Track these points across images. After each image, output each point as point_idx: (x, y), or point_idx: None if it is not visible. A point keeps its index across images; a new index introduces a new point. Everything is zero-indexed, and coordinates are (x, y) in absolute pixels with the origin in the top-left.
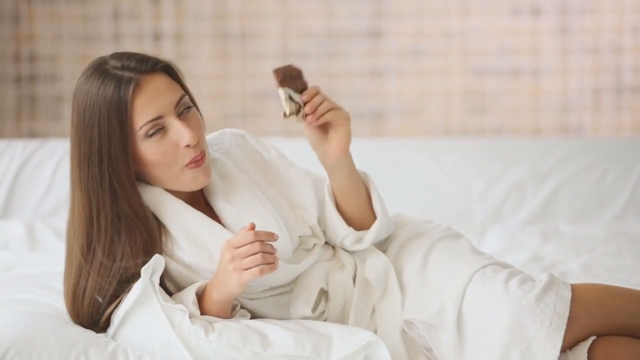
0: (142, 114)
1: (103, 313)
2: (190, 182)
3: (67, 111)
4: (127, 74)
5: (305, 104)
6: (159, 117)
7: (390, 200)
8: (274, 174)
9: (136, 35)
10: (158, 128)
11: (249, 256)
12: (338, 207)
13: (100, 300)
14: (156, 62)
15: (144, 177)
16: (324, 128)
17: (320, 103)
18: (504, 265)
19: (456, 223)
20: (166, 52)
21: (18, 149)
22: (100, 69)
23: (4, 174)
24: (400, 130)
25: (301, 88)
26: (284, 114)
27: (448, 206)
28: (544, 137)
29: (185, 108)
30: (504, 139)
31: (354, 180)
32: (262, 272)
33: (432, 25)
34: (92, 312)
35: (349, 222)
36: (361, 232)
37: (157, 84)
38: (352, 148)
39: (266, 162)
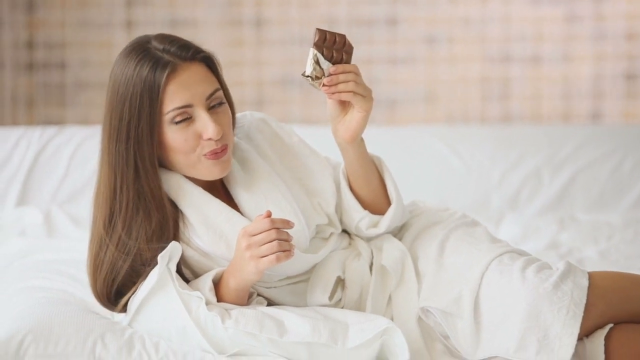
0: (173, 100)
1: (117, 291)
2: (206, 171)
3: (80, 98)
4: (166, 57)
5: (329, 75)
6: (188, 106)
7: (406, 188)
8: (293, 159)
9: (149, 22)
10: (185, 117)
11: (265, 244)
12: (352, 190)
13: (118, 273)
14: (197, 52)
15: (164, 162)
16: (344, 106)
17: (345, 82)
18: (521, 253)
19: (473, 211)
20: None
21: (35, 136)
22: (141, 47)
23: (21, 161)
24: (417, 117)
25: (337, 60)
26: (303, 73)
27: (465, 194)
28: (561, 125)
29: (218, 103)
30: (521, 126)
31: (363, 166)
32: (278, 260)
33: (449, 12)
34: (107, 284)
35: (364, 206)
36: (377, 216)
37: (193, 73)
38: (369, 135)
39: (287, 147)
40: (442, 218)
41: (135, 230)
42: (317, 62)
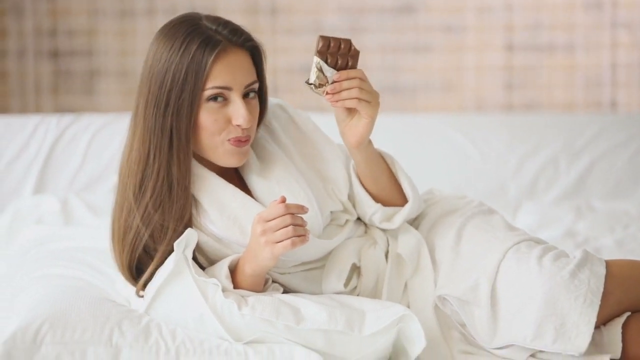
0: (215, 78)
1: (136, 266)
2: (224, 157)
3: (101, 86)
4: (217, 37)
5: (333, 82)
6: (227, 88)
7: (422, 176)
8: (308, 146)
9: (169, 10)
10: (221, 98)
11: (280, 229)
12: (363, 186)
13: (146, 238)
14: (247, 39)
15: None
16: (351, 110)
17: (348, 88)
18: (538, 241)
19: (490, 199)
20: None
21: (52, 123)
22: (192, 22)
23: (38, 149)
24: (433, 106)
25: (342, 66)
26: (307, 81)
27: (481, 182)
28: (578, 113)
29: (252, 93)
30: (538, 114)
31: (371, 167)
32: (293, 245)
33: (466, 0)
34: (132, 253)
35: (376, 199)
36: (390, 209)
37: (240, 58)
38: (386, 124)
39: (302, 134)
40: (459, 206)
41: (159, 202)
42: (320, 70)
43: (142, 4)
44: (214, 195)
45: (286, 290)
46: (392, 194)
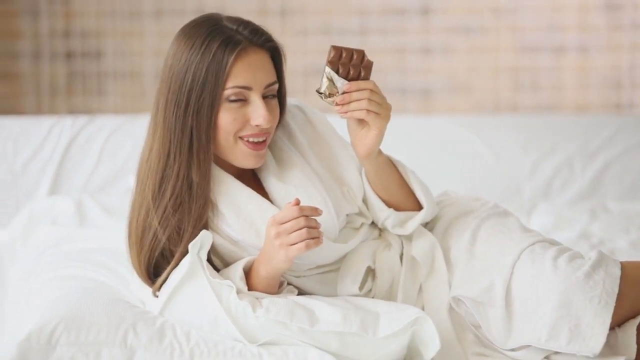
0: (235, 78)
1: (157, 266)
2: (241, 158)
3: (112, 88)
4: (238, 36)
5: (343, 93)
6: (247, 88)
7: (437, 178)
8: (324, 148)
9: (178, 11)
10: (241, 98)
11: (294, 231)
12: (375, 191)
13: (164, 240)
14: (268, 40)
15: None
16: (361, 121)
17: (357, 100)
18: (553, 243)
19: (504, 200)
20: None
21: (67, 124)
22: (213, 22)
23: (53, 150)
24: (448, 107)
25: (353, 77)
26: (317, 90)
27: (496, 183)
28: (592, 114)
29: (271, 95)
30: (553, 116)
31: (381, 177)
32: (308, 247)
33: (481, 2)
34: (150, 255)
35: (388, 204)
36: (402, 215)
37: (260, 58)
38: (401, 126)
39: (318, 135)
40: (474, 208)
41: (178, 203)
42: (331, 80)
43: (149, 6)
44: (230, 198)
45: (301, 293)
46: (405, 200)
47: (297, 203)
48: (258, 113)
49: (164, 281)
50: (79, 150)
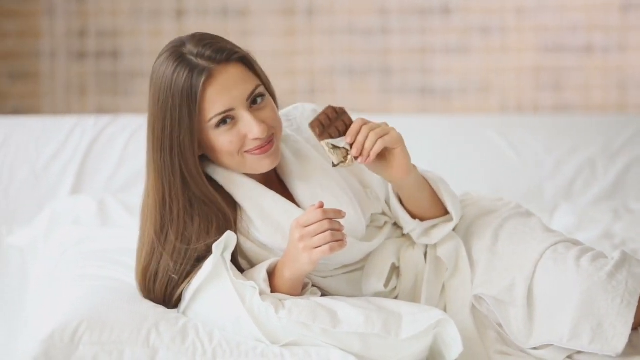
0: (214, 106)
1: (176, 291)
2: (256, 166)
3: (134, 87)
4: (201, 62)
5: (351, 145)
6: (230, 110)
7: (459, 178)
8: None
9: (201, 11)
10: (228, 120)
11: (318, 234)
12: (402, 203)
13: (176, 278)
14: (232, 53)
15: (215, 162)
16: (381, 154)
17: (365, 139)
18: (576, 243)
19: (526, 200)
20: (232, 29)
21: (89, 124)
22: (176, 53)
23: (75, 150)
24: (470, 107)
25: (344, 128)
26: (332, 164)
27: (518, 183)
28: (615, 114)
29: (259, 96)
30: (575, 115)
31: (421, 190)
32: (332, 250)
33: (504, 1)
34: (165, 291)
35: (414, 215)
36: (428, 224)
37: (231, 75)
38: (423, 126)
39: None
40: (497, 207)
41: (195, 235)
42: (333, 148)
43: (170, 5)
44: (255, 203)
45: (327, 294)
46: (432, 210)
47: (321, 206)
48: (251, 127)
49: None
50: (101, 149)
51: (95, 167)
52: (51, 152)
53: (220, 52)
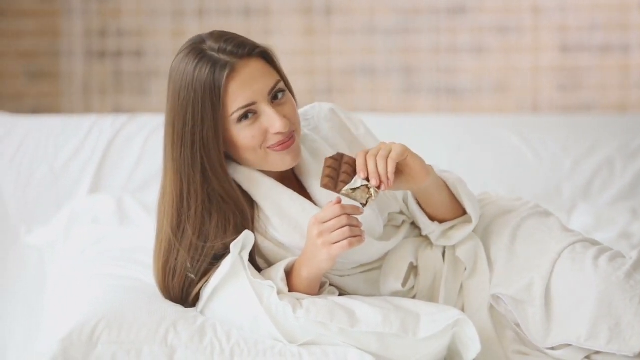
0: (236, 100)
1: (193, 289)
2: (278, 163)
3: (153, 86)
4: (223, 57)
5: (366, 178)
6: (252, 104)
7: (477, 178)
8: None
9: (223, 10)
10: (250, 114)
11: (336, 230)
12: (422, 207)
13: (193, 276)
14: (253, 48)
15: (234, 158)
16: (397, 171)
17: (376, 166)
18: (594, 243)
19: (544, 200)
20: (253, 28)
21: (107, 123)
22: (197, 49)
23: (93, 149)
24: (487, 106)
25: (352, 169)
26: (362, 206)
27: (536, 183)
28: (633, 114)
29: (280, 91)
30: (593, 115)
31: (440, 192)
32: (350, 245)
33: (520, 1)
34: (183, 288)
35: (432, 218)
36: (446, 226)
37: (253, 69)
38: (440, 126)
39: (354, 138)
40: (515, 207)
41: (212, 233)
42: (353, 191)
43: (193, 5)
44: (273, 201)
45: (345, 293)
46: (451, 212)
47: (339, 202)
48: (273, 121)
49: (203, 285)
50: (120, 149)
51: (114, 167)
52: (69, 152)
53: (242, 47)
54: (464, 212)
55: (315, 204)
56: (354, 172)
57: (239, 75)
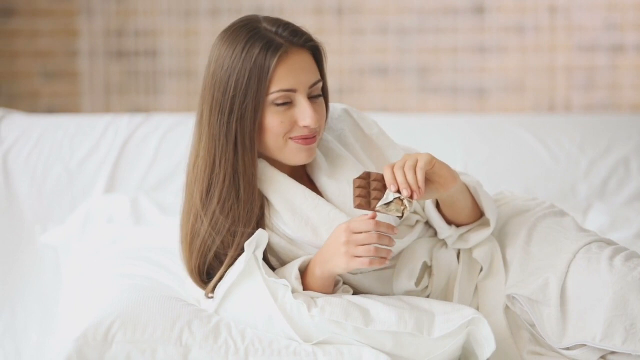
0: (280, 82)
1: (207, 271)
2: (293, 155)
3: (168, 86)
4: (278, 40)
5: (398, 191)
6: (292, 90)
7: (492, 178)
8: (375, 150)
9: (235, 10)
10: (287, 101)
11: (364, 245)
12: (441, 212)
13: (212, 258)
14: (308, 40)
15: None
16: (428, 183)
17: (405, 177)
18: (609, 243)
19: (560, 200)
20: None
21: (123, 123)
22: (252, 26)
23: (109, 149)
24: (503, 106)
25: (381, 185)
26: (399, 219)
27: (552, 183)
28: None
29: (317, 94)
30: (609, 115)
31: (464, 195)
32: (371, 264)
33: (536, 1)
34: (201, 258)
35: (450, 222)
36: (463, 230)
37: (302, 59)
38: (456, 125)
39: (368, 138)
40: (530, 207)
41: (227, 208)
42: (388, 205)
43: (205, 5)
44: (285, 196)
45: (358, 292)
46: (469, 217)
47: (374, 217)
48: (305, 114)
49: (217, 283)
50: (135, 148)
51: (129, 166)
52: (85, 151)
53: (299, 36)
54: (481, 215)
55: (327, 201)
56: (384, 188)
57: (290, 60)
